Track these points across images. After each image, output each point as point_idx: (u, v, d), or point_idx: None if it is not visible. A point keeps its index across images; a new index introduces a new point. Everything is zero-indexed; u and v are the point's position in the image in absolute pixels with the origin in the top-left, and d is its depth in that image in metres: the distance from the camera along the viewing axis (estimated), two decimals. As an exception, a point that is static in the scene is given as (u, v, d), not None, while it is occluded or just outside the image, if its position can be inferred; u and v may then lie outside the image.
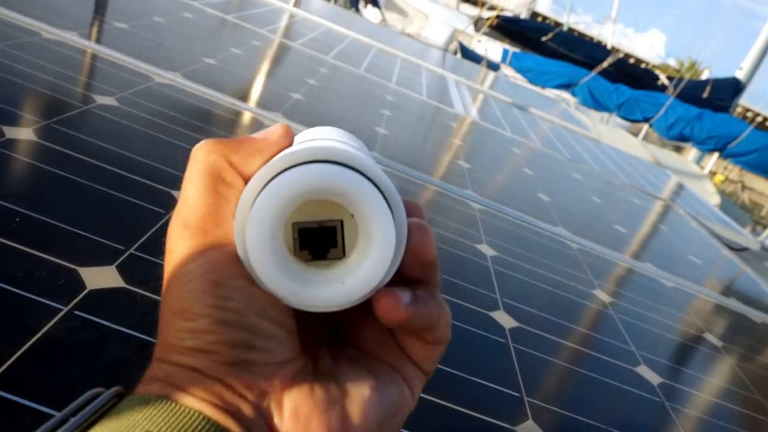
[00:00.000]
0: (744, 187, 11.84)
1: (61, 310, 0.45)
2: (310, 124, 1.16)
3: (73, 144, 0.71)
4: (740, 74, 8.63)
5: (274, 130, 0.24)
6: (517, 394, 0.60)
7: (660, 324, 0.95)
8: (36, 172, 0.63)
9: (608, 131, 7.20)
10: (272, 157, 0.23)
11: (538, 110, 2.68)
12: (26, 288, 0.46)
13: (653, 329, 0.92)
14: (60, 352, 0.41)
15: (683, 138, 8.02)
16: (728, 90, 8.29)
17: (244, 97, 1.17)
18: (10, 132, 0.69)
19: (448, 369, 0.59)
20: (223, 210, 0.22)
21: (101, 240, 0.55)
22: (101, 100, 0.88)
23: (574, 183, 1.65)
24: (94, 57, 1.05)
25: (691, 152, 9.26)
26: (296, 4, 2.82)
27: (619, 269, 1.12)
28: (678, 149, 10.40)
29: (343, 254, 0.22)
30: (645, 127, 8.45)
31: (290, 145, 0.24)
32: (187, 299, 0.21)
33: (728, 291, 1.28)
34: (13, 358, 0.39)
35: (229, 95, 1.13)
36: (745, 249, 2.12)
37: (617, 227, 1.39)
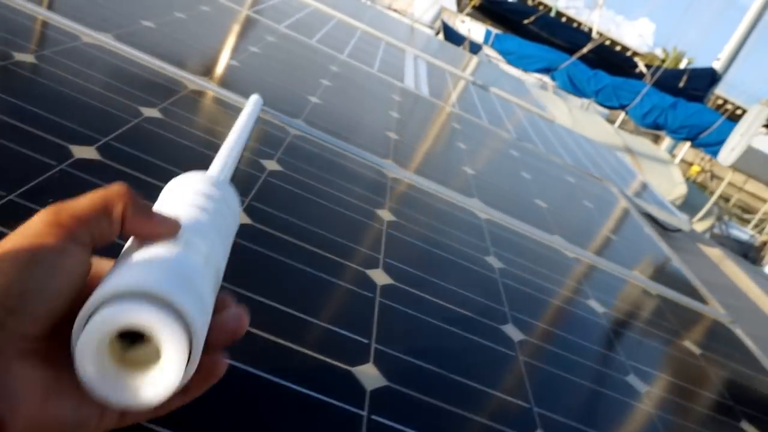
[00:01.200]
0: (713, 177, 12.08)
1: None
2: (244, 92, 1.20)
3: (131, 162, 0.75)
4: (717, 65, 8.76)
5: (103, 206, 0.29)
6: (527, 404, 0.66)
7: (538, 286, 1.02)
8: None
9: (584, 117, 7.30)
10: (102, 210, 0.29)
11: (496, 89, 2.73)
12: None
13: (531, 291, 0.99)
14: None
15: (657, 126, 8.16)
16: (704, 80, 8.42)
17: (180, 63, 1.20)
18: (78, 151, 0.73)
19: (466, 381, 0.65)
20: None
21: None
22: (20, 57, 0.91)
23: (509, 159, 1.71)
24: (16, 12, 1.08)
25: (666, 141, 9.40)
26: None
27: (523, 240, 1.19)
28: (656, 138, 10.54)
29: (156, 359, 0.28)
30: (621, 114, 8.55)
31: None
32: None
33: (630, 263, 1.36)
34: None
35: (165, 61, 1.16)
36: (678, 230, 2.21)
37: (538, 202, 1.46)
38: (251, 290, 0.64)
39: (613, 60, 9.56)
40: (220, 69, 1.26)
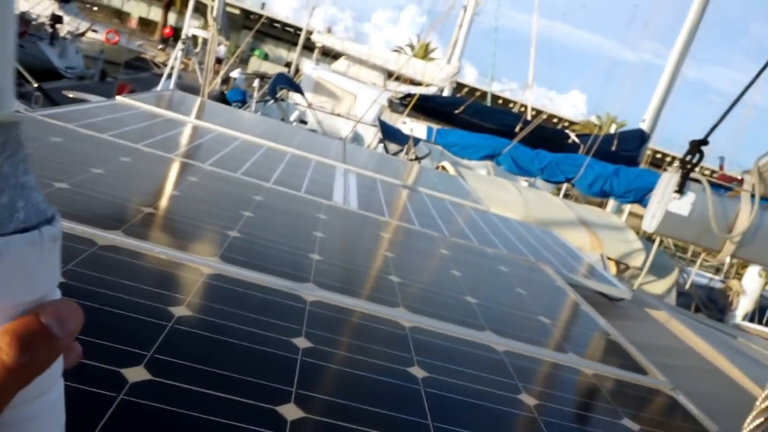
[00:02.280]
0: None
1: None
2: (158, 240, 1.23)
3: None
4: (644, 125, 9.30)
5: None
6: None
7: (465, 390, 1.03)
8: None
9: (534, 196, 7.52)
10: None
11: (428, 189, 2.84)
12: None
13: (457, 397, 1.00)
14: None
15: (604, 194, 8.50)
16: (634, 141, 8.94)
17: (90, 220, 1.24)
18: None
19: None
20: None
21: None
22: None
23: (438, 260, 1.76)
24: None
25: (611, 202, 9.76)
26: (198, 116, 2.95)
27: (451, 342, 1.21)
28: (601, 202, 10.93)
29: None
30: (564, 185, 8.90)
31: None
32: None
33: (566, 346, 1.39)
34: None
35: (76, 221, 1.20)
36: (621, 299, 2.26)
37: (468, 299, 1.49)
38: None
39: (547, 135, 10.10)
40: (134, 219, 1.30)
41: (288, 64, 28.32)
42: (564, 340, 1.43)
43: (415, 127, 10.14)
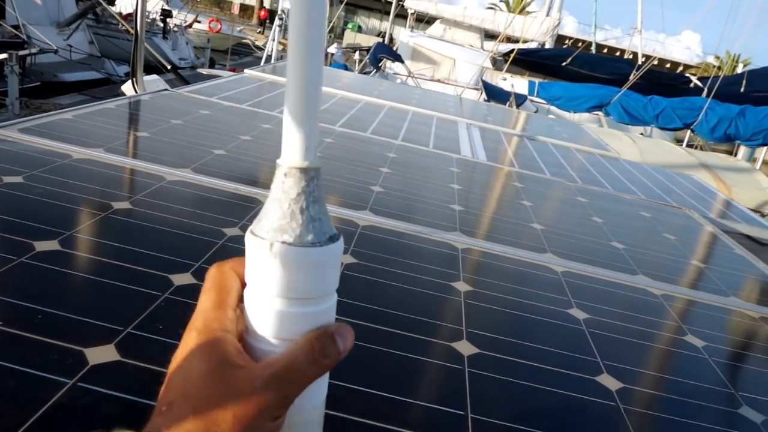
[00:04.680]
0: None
1: (67, 383, 0.58)
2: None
3: (92, 249, 0.86)
4: (778, 63, 8.38)
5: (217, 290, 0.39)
6: None
7: (628, 331, 1.00)
8: (58, 275, 0.77)
9: (650, 145, 7.10)
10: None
11: (552, 139, 2.75)
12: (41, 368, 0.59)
13: (621, 337, 0.97)
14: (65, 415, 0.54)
15: (729, 138, 7.82)
16: (765, 80, 8.07)
17: (252, 182, 1.32)
18: (39, 245, 0.85)
19: None
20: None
21: (104, 324, 0.69)
22: (118, 205, 1.04)
23: (577, 207, 1.71)
24: (113, 168, 1.23)
25: (742, 149, 8.94)
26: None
27: (605, 286, 1.18)
28: (730, 149, 10.05)
29: None
30: (688, 132, 8.27)
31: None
32: None
33: (725, 289, 1.31)
34: (28, 423, 0.52)
35: (238, 182, 1.28)
36: (771, 244, 2.09)
37: (615, 244, 1.44)
38: (345, 380, 0.68)
39: (663, 81, 9.37)
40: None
41: (382, 34, 28.27)
42: (724, 284, 1.34)
43: (516, 83, 9.81)
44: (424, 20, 18.61)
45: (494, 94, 8.48)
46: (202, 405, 0.34)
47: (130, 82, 2.13)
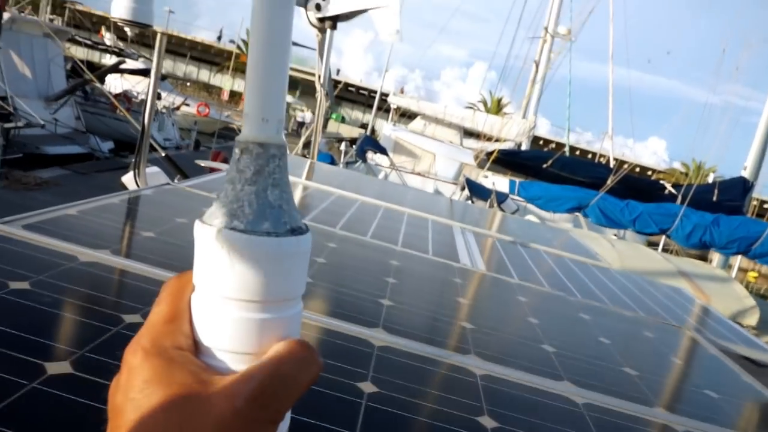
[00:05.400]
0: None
1: None
2: (319, 310, 1.25)
3: (108, 372, 0.80)
4: (745, 173, 8.81)
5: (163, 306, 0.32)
6: None
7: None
8: (72, 406, 0.71)
9: (628, 250, 7.24)
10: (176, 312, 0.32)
11: (542, 246, 2.78)
12: None
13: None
14: None
15: (704, 245, 8.03)
16: (737, 189, 8.44)
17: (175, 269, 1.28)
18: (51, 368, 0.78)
19: None
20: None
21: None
22: (129, 318, 0.99)
23: (582, 325, 1.69)
24: (121, 273, 1.18)
25: (716, 256, 9.17)
26: (308, 176, 3.06)
27: (628, 421, 1.14)
28: (702, 255, 10.31)
29: None
30: (663, 237, 8.48)
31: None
32: None
33: (738, 422, 1.28)
34: None
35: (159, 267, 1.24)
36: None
37: (627, 370, 1.41)
38: None
39: (639, 186, 9.73)
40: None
41: (364, 126, 29.15)
42: (740, 419, 1.31)
43: (497, 181, 10.08)
44: (406, 115, 19.31)
45: (476, 191, 8.68)
46: None
47: (131, 174, 2.11)
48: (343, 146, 15.07)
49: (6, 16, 13.56)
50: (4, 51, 12.90)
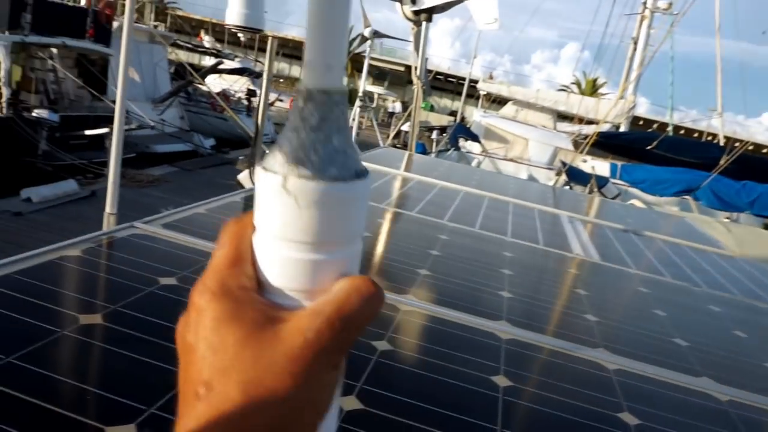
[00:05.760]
0: None
1: None
2: (443, 303, 1.25)
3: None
4: None
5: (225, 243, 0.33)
6: None
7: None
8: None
9: (745, 234, 6.72)
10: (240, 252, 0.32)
11: (656, 234, 2.64)
12: None
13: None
14: None
15: (835, 228, 7.33)
16: None
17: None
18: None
19: None
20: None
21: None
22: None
23: (714, 318, 1.60)
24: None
25: None
26: (407, 168, 3.08)
27: (781, 421, 1.06)
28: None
29: None
30: (783, 222, 7.83)
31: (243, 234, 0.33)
32: None
33: None
34: None
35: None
36: None
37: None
38: None
39: (757, 166, 8.99)
40: (416, 281, 1.35)
41: (453, 113, 28.88)
42: None
43: (597, 165, 9.66)
44: (496, 101, 18.92)
45: (575, 175, 8.36)
46: (250, 375, 0.29)
47: (246, 173, 2.21)
48: (434, 135, 15.01)
49: (115, 25, 14.61)
50: (115, 58, 13.91)
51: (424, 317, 1.16)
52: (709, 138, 17.23)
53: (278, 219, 0.31)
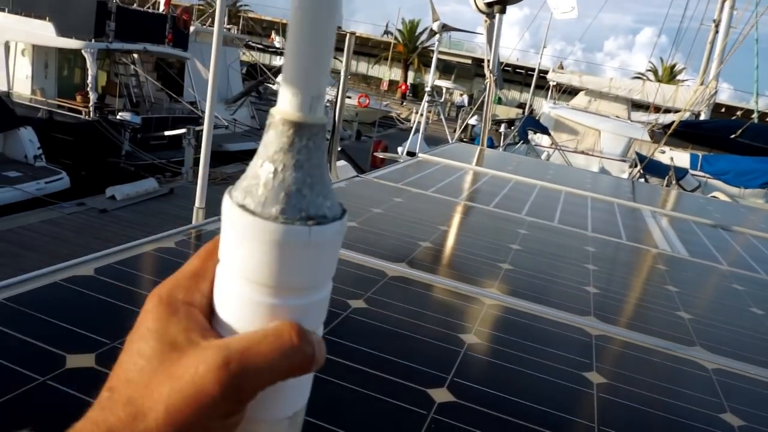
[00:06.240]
0: None
1: None
2: (528, 298, 1.24)
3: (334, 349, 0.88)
4: None
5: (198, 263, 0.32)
6: None
7: None
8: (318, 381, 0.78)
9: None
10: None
11: (747, 229, 2.50)
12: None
13: None
14: None
15: None
16: None
17: (459, 276, 1.30)
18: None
19: None
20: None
21: (393, 450, 0.67)
22: (354, 304, 1.06)
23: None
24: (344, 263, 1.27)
25: None
26: (478, 162, 3.05)
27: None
28: None
29: None
30: None
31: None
32: None
33: None
34: None
35: (447, 277, 1.27)
36: None
37: None
38: None
39: None
40: (499, 275, 1.34)
41: (521, 105, 28.30)
42: None
43: (676, 156, 9.23)
44: (566, 91, 18.40)
45: (652, 167, 8.03)
46: (138, 393, 0.27)
47: (324, 168, 2.25)
48: (502, 128, 14.78)
49: (192, 29, 15.19)
50: (191, 61, 14.48)
51: (510, 311, 1.15)
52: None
53: (222, 247, 0.30)
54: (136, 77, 13.76)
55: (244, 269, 0.29)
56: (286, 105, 0.28)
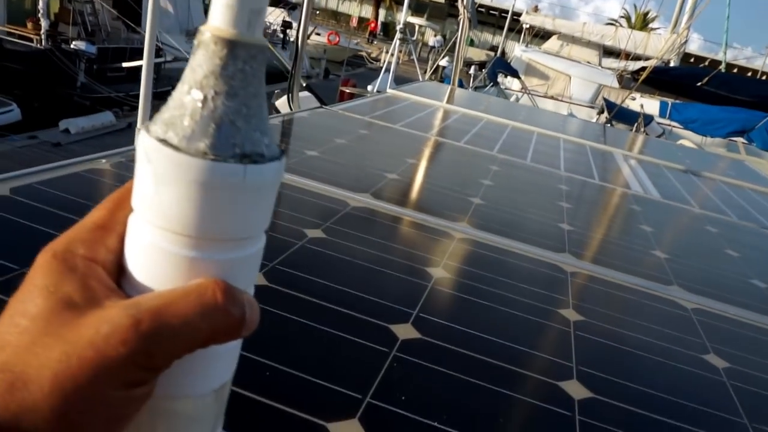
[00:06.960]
0: None
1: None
2: (500, 233, 1.16)
3: (295, 284, 0.78)
4: None
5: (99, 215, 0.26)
6: None
7: None
8: (269, 315, 0.69)
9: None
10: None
11: (717, 175, 2.48)
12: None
13: None
14: None
15: None
16: None
17: (428, 210, 1.21)
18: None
19: None
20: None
21: (340, 389, 0.59)
22: (311, 233, 0.97)
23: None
24: (303, 191, 1.16)
25: None
26: (449, 100, 2.93)
27: (748, 330, 0.96)
28: None
29: None
30: None
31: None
32: None
33: None
34: None
35: (415, 209, 1.18)
36: None
37: (756, 282, 1.20)
38: (432, 417, 0.55)
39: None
40: (470, 210, 1.26)
41: (493, 48, 27.90)
42: None
43: (646, 103, 9.23)
44: (539, 35, 18.16)
45: (620, 114, 8.00)
46: (18, 358, 0.22)
47: (285, 98, 2.12)
48: (472, 70, 14.55)
49: (150, -46, 14.30)
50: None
51: (481, 245, 1.07)
52: (764, 76, 16.35)
53: (137, 191, 0.24)
54: (91, 4, 12.98)
55: (163, 217, 0.24)
56: (218, 20, 0.23)
